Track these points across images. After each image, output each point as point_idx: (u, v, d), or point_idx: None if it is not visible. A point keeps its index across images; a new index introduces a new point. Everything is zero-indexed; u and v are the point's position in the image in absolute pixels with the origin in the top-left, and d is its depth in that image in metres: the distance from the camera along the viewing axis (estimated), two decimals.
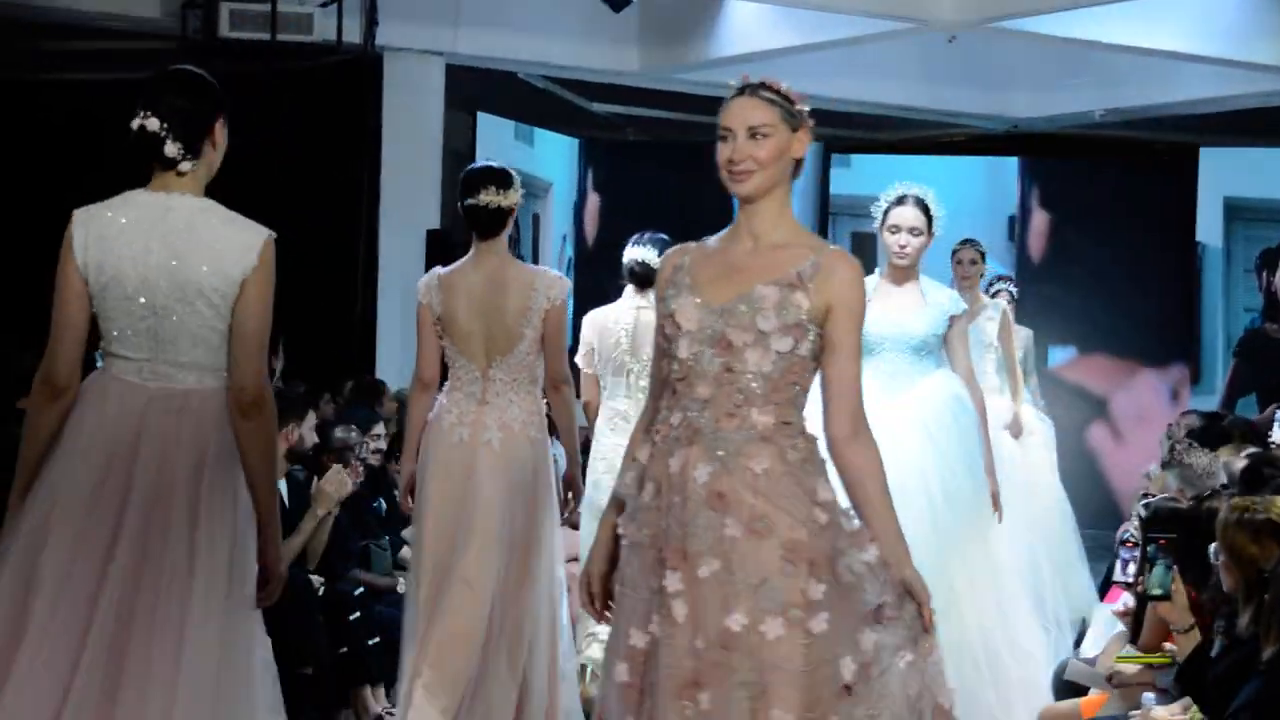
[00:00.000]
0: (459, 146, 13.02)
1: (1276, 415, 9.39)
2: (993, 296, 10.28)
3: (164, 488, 4.14)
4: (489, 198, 6.14)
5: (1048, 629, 7.95)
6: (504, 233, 6.22)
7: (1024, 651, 6.88)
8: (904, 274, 6.83)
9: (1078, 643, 8.04)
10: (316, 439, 7.76)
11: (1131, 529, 8.10)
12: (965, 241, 9.75)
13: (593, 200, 14.70)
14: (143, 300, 4.21)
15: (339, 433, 8.16)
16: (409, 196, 12.50)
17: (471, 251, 6.22)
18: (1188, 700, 5.29)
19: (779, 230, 4.15)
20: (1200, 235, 14.01)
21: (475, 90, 13.16)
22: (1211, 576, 5.40)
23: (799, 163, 4.22)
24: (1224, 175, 14.06)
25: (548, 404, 6.37)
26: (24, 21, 11.45)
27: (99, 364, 6.31)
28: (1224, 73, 12.67)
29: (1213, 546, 5.30)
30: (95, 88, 12.58)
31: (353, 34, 11.68)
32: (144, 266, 4.21)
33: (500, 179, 6.20)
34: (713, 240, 4.23)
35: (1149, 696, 5.72)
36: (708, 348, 4.00)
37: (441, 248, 12.33)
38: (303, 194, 11.94)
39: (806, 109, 4.22)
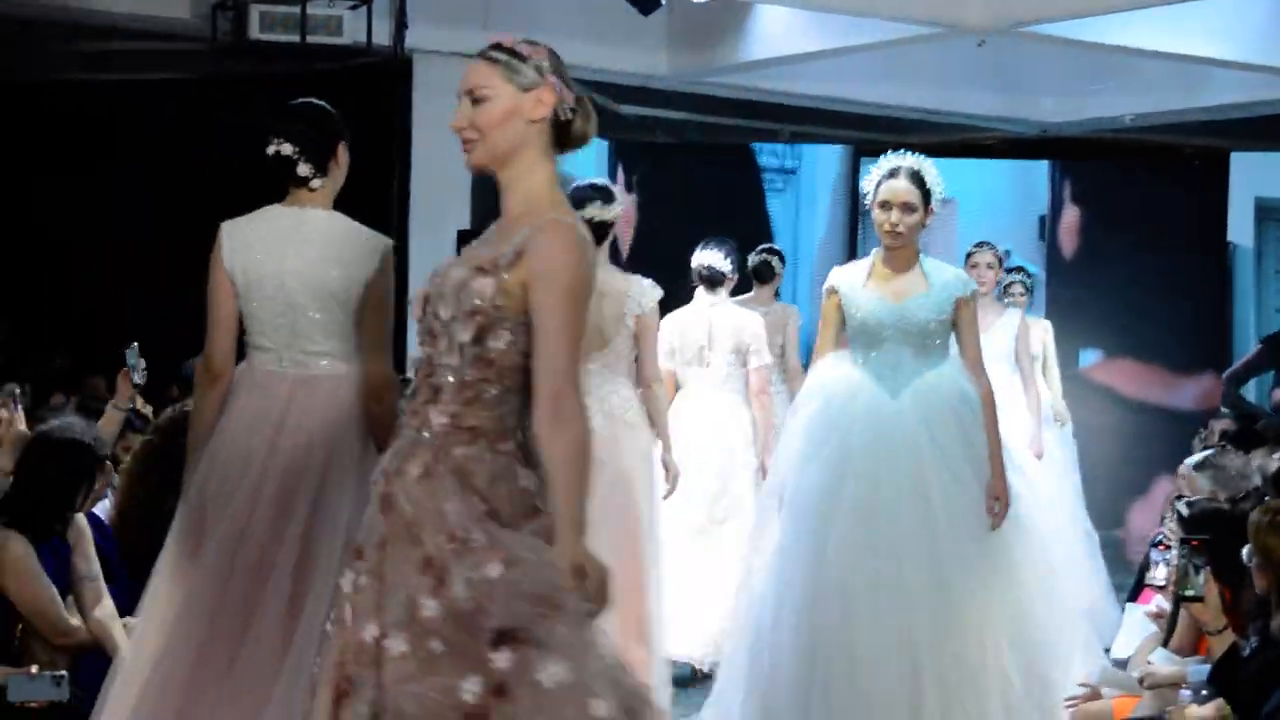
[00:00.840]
0: None
1: None
2: (1006, 289, 9.82)
3: (301, 460, 4.73)
4: (593, 212, 6.74)
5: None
6: (605, 243, 6.89)
7: (1041, 678, 6.12)
8: (901, 257, 6.22)
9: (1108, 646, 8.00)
10: None
11: (1165, 531, 8.09)
12: (981, 244, 9.31)
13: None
14: (281, 299, 4.84)
15: None
16: (439, 197, 12.50)
17: None
18: (1221, 701, 5.28)
19: (520, 203, 3.73)
20: (1231, 236, 13.98)
21: None
22: (1246, 578, 5.38)
23: (562, 127, 3.79)
24: (1255, 176, 14.03)
25: None
26: (60, 23, 11.53)
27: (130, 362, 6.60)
28: (1253, 78, 12.65)
29: (1246, 548, 5.29)
30: (129, 87, 12.66)
31: (382, 36, 11.69)
32: (282, 271, 4.84)
33: (604, 194, 6.93)
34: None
35: (1185, 694, 5.71)
36: (425, 336, 3.71)
37: None
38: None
39: (545, 63, 3.80)
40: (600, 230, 6.67)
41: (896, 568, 5.88)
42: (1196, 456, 8.63)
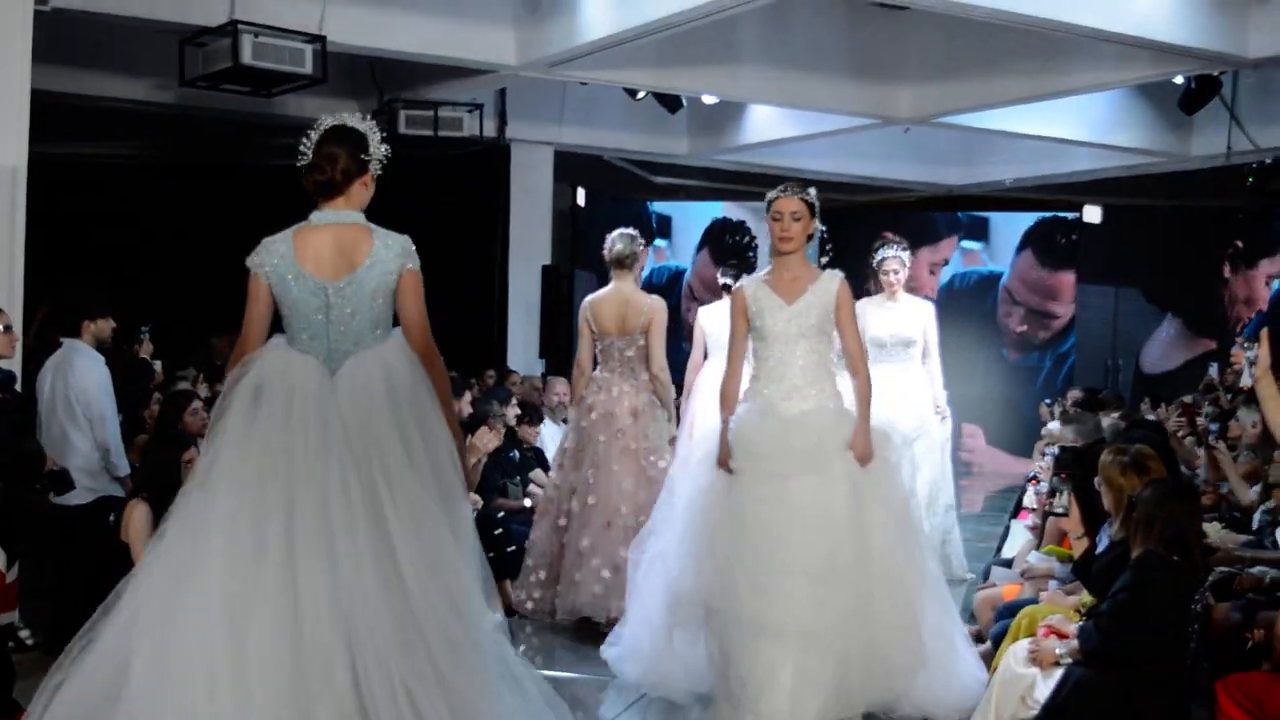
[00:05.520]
0: (563, 207, 13.09)
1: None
2: (879, 264, 7.13)
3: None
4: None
5: None
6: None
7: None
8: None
9: (999, 549, 7.90)
10: (470, 410, 7.79)
11: (1036, 468, 8.03)
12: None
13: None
14: None
15: (485, 405, 8.18)
16: (529, 242, 12.55)
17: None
18: (1078, 585, 5.25)
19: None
20: None
21: (574, 169, 13.19)
22: (1097, 500, 5.34)
23: None
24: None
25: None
26: (261, 124, 11.55)
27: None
28: (1096, 152, 12.60)
29: (1097, 479, 5.26)
30: None
31: (490, 130, 11.76)
32: None
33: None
34: None
35: (1054, 583, 5.67)
36: None
37: (552, 277, 12.41)
38: (458, 241, 12.01)
39: None
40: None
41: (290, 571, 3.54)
42: (1060, 416, 8.56)
